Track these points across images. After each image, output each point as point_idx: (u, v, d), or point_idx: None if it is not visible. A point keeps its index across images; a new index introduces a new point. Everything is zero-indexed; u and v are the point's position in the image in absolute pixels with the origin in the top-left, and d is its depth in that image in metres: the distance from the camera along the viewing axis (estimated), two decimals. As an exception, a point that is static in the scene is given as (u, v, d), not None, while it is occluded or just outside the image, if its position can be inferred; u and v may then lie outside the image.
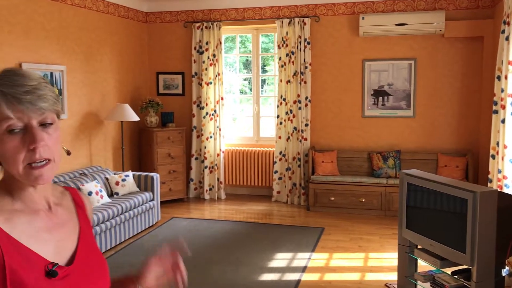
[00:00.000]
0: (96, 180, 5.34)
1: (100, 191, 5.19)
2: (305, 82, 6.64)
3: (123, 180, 5.64)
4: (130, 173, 5.83)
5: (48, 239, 1.08)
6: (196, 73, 7.09)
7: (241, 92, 7.61)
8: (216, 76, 6.98)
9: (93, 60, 6.09)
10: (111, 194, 5.55)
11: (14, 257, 0.99)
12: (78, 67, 5.82)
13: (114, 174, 5.78)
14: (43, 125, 1.03)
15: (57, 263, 1.05)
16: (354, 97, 6.68)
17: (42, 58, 5.22)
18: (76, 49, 5.78)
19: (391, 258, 4.61)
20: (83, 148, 5.92)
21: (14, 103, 0.99)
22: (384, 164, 6.32)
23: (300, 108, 6.68)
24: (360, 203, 6.22)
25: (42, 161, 1.02)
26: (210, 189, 7.14)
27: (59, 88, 5.43)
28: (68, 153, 1.13)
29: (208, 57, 6.96)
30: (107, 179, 5.60)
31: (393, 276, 4.14)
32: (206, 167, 7.07)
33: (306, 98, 6.66)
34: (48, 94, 1.03)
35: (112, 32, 6.51)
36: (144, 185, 5.84)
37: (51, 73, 5.34)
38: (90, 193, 5.05)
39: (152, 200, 5.78)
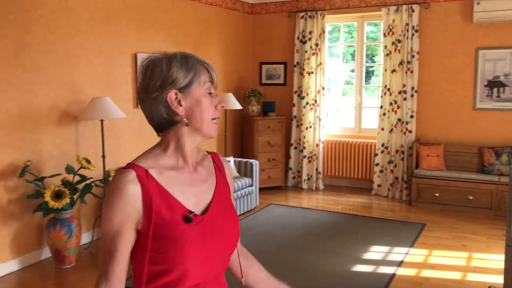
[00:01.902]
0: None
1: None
2: (412, 72, 6.35)
3: (225, 165, 5.87)
4: (231, 158, 6.05)
5: (189, 191, 1.30)
6: (298, 63, 7.12)
7: (347, 83, 7.47)
8: (318, 65, 6.95)
9: (200, 51, 6.40)
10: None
11: (160, 202, 1.24)
12: (187, 57, 6.14)
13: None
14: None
15: (194, 212, 1.27)
16: (465, 88, 6.25)
17: (154, 49, 5.60)
18: (185, 40, 6.11)
19: (498, 260, 4.28)
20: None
21: (212, 74, 1.32)
22: (497, 160, 5.85)
23: (405, 99, 6.41)
24: (467, 200, 5.84)
25: (218, 118, 1.33)
26: (308, 179, 7.16)
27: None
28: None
29: (311, 47, 6.94)
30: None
31: (498, 279, 3.85)
32: (304, 156, 7.09)
33: (412, 88, 6.37)
34: None
35: (219, 23, 6.77)
36: (244, 171, 6.03)
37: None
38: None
39: (251, 185, 5.95)
